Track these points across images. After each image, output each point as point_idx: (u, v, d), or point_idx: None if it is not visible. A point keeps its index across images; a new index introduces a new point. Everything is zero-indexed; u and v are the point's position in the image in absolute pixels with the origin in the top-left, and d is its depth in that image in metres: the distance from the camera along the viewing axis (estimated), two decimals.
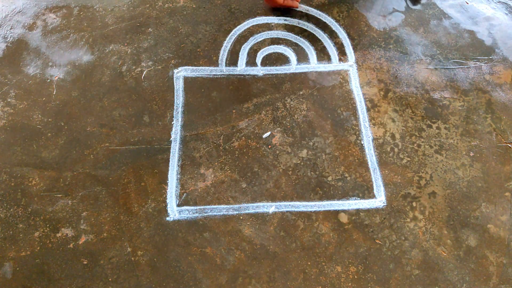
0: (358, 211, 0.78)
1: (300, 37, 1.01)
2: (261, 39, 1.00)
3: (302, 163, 0.83)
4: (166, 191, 0.80)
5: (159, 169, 0.82)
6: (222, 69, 0.95)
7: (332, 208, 0.78)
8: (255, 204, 0.79)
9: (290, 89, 0.93)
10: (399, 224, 0.77)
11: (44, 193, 0.79)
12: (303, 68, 0.96)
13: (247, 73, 0.95)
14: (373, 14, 1.06)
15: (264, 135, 0.87)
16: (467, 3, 1.09)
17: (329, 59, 0.98)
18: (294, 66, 0.96)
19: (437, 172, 0.83)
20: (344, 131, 0.87)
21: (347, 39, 1.01)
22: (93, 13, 1.04)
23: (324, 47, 0.99)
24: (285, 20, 1.04)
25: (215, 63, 0.96)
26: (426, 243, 0.75)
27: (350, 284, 0.71)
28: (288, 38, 1.01)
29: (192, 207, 0.78)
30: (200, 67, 0.95)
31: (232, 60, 0.97)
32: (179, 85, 0.93)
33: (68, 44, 0.99)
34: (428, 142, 0.86)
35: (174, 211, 0.78)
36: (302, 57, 0.98)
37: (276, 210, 0.78)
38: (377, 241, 0.75)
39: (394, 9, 1.07)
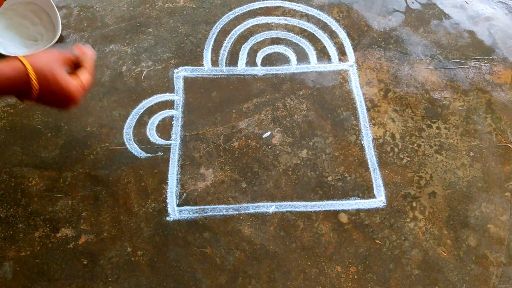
0: (358, 211, 0.78)
1: (300, 37, 1.01)
2: (261, 39, 1.00)
3: (302, 163, 0.83)
4: (166, 191, 0.80)
5: (159, 169, 0.82)
6: (222, 69, 0.95)
7: (332, 208, 0.78)
8: (255, 204, 0.79)
9: (290, 89, 0.93)
10: (399, 224, 0.77)
11: (44, 193, 0.79)
12: (303, 68, 0.96)
13: (247, 73, 0.95)
14: (373, 14, 1.06)
15: (264, 135, 0.87)
16: (467, 3, 1.09)
17: (329, 59, 0.98)
18: (294, 66, 0.96)
19: (437, 172, 0.83)
20: (344, 131, 0.87)
21: (347, 39, 1.01)
22: (93, 13, 1.04)
23: (324, 47, 0.99)
24: (285, 20, 1.04)
25: (215, 63, 0.96)
26: (426, 243, 0.75)
27: (350, 284, 0.71)
28: (288, 38, 1.01)
29: (192, 207, 0.78)
30: (200, 67, 0.95)
31: (232, 60, 0.97)
32: (179, 85, 0.93)
33: (68, 44, 0.99)
34: (428, 142, 0.86)
35: (174, 211, 0.78)
36: (302, 57, 0.98)
37: (276, 210, 0.78)
38: (377, 241, 0.75)
39: (394, 9, 1.07)
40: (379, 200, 0.79)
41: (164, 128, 0.87)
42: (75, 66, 0.62)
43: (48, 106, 0.58)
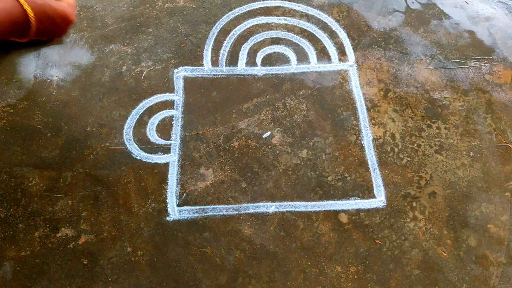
0: (358, 211, 0.78)
1: (300, 37, 1.01)
2: (261, 39, 1.00)
3: (302, 163, 0.83)
4: (166, 191, 0.80)
5: (159, 169, 0.82)
6: (222, 69, 0.95)
7: (332, 208, 0.78)
8: (255, 204, 0.79)
9: (290, 89, 0.93)
10: (399, 224, 0.77)
11: (44, 193, 0.79)
12: (303, 68, 0.96)
13: (247, 73, 0.95)
14: (373, 14, 1.06)
15: (264, 135, 0.87)
16: (467, 3, 1.09)
17: (329, 59, 0.98)
18: (294, 66, 0.96)
19: (437, 172, 0.83)
20: (344, 131, 0.87)
21: (347, 39, 1.01)
22: (93, 13, 1.04)
23: (324, 47, 0.99)
24: (285, 20, 1.04)
25: (215, 63, 0.96)
26: (426, 243, 0.75)
27: (350, 284, 0.71)
28: (288, 38, 1.01)
29: (192, 207, 0.78)
30: (200, 67, 0.96)
31: (232, 60, 0.97)
32: (179, 85, 0.93)
33: (68, 44, 0.99)
34: (428, 142, 0.86)
35: (174, 211, 0.78)
36: (302, 57, 0.98)
37: (276, 210, 0.78)
38: (377, 241, 0.75)
39: (394, 9, 1.07)
40: (379, 200, 0.79)
41: (164, 128, 0.87)
42: None
43: (48, 36, 0.61)
